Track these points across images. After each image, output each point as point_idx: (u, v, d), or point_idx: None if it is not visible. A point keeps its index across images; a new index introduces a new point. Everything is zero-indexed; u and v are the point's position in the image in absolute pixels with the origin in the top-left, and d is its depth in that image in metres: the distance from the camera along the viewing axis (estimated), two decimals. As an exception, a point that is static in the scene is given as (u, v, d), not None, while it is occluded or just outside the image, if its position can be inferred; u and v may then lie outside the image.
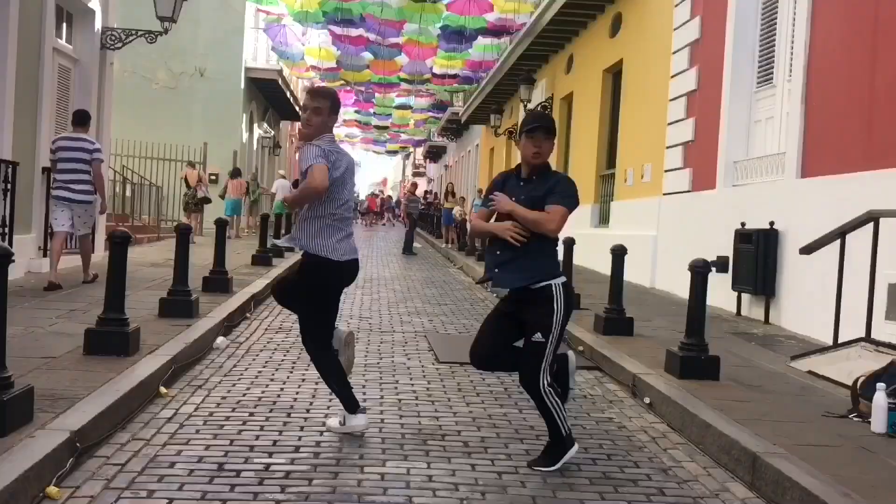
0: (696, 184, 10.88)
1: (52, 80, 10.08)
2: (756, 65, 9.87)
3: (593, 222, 15.83)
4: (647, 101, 12.89)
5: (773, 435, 4.20)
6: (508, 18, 17.50)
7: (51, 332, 5.95)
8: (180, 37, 23.69)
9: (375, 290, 11.15)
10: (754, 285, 8.64)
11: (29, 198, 9.49)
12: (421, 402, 5.11)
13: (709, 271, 5.66)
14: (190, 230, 7.35)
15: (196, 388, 5.22)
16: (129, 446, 3.94)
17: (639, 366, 5.89)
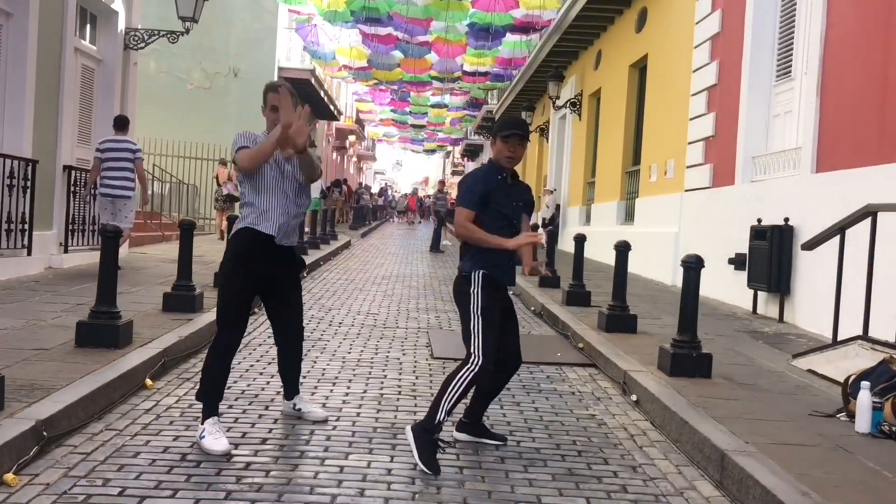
0: (717, 180, 10.69)
1: (73, 81, 10.30)
2: (775, 58, 9.66)
3: (619, 220, 15.66)
4: (670, 96, 12.71)
5: (749, 433, 4.10)
6: (535, 14, 17.40)
7: (51, 324, 6.07)
8: (214, 37, 24.15)
9: (391, 287, 11.17)
10: (768, 283, 8.46)
11: (50, 195, 9.71)
12: (403, 397, 5.10)
13: (701, 267, 5.55)
14: (193, 226, 7.43)
15: (184, 380, 5.28)
16: (100, 436, 4.00)
17: (632, 363, 5.81)
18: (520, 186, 4.27)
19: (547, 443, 4.30)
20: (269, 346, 6.50)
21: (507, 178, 4.13)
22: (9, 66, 8.90)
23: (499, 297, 4.13)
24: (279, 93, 4.10)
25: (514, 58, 22.05)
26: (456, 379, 4.00)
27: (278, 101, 4.08)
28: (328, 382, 5.41)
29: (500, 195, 4.08)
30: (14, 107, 8.94)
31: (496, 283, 4.09)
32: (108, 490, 3.30)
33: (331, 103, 30.64)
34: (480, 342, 4.02)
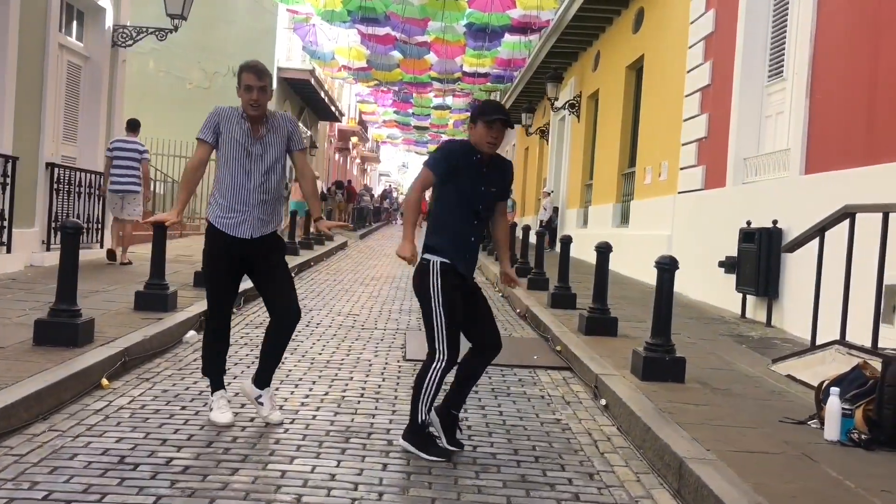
0: (709, 181, 10.53)
1: (57, 77, 10.21)
2: (767, 57, 9.50)
3: (614, 222, 15.50)
4: (665, 97, 12.56)
5: (713, 440, 3.95)
6: (532, 15, 17.24)
7: (15, 322, 5.97)
8: (214, 37, 24.09)
9: (378, 288, 11.04)
10: (756, 286, 8.30)
11: (32, 192, 9.62)
12: (365, 400, 4.97)
13: (675, 269, 5.41)
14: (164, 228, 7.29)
15: (143, 380, 5.16)
16: (41, 437, 3.88)
17: (605, 366, 5.66)
18: (495, 173, 4.10)
19: (505, 448, 4.16)
20: (239, 347, 6.39)
21: (483, 162, 4.01)
22: (-11, 62, 8.81)
23: (459, 285, 4.00)
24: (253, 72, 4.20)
25: (513, 59, 21.90)
26: (426, 380, 3.94)
27: (254, 80, 4.17)
28: (290, 384, 5.29)
29: (468, 175, 3.97)
30: (-6, 103, 8.85)
31: (455, 271, 3.96)
32: (33, 494, 3.18)
33: (332, 104, 30.58)
34: (444, 337, 3.92)
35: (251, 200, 4.26)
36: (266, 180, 4.30)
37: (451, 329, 3.93)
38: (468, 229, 4.03)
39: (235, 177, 4.25)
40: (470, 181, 3.99)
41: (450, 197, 3.98)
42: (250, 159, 4.25)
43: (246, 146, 4.24)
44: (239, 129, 4.25)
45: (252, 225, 4.27)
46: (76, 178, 10.60)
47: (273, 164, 4.32)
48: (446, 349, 3.92)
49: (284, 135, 4.37)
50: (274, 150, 4.32)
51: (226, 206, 4.26)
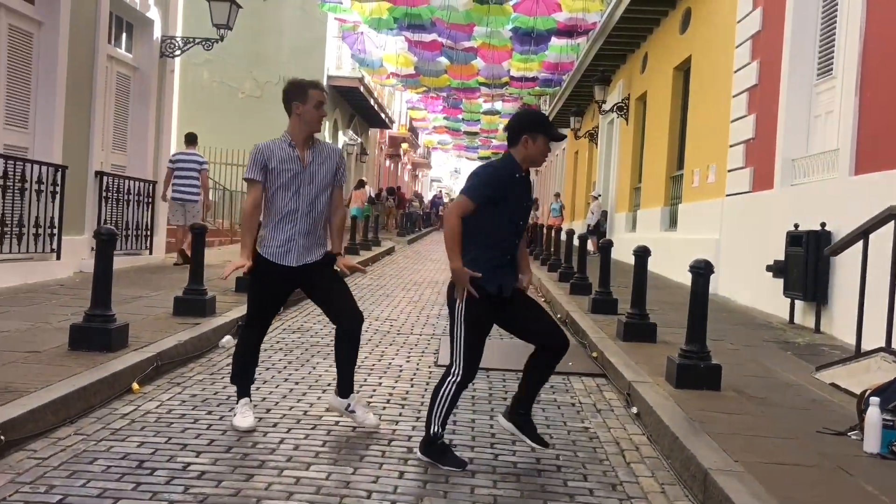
0: (757, 184, 10.25)
1: (105, 88, 10.45)
2: (816, 55, 9.21)
3: (663, 226, 15.22)
4: (712, 98, 12.29)
5: (742, 451, 3.80)
6: (578, 18, 17.09)
7: (55, 328, 6.08)
8: (265, 47, 24.49)
9: (420, 293, 11.02)
10: (804, 291, 8.03)
11: (81, 200, 9.86)
12: (391, 406, 4.93)
13: (710, 273, 5.24)
14: (205, 230, 7.41)
15: (174, 385, 5.21)
16: (65, 441, 3.93)
17: (639, 374, 5.52)
18: (529, 184, 4.06)
19: (527, 456, 4.07)
20: (274, 352, 6.41)
21: (524, 177, 3.92)
22: (40, 74, 9.07)
23: (491, 303, 3.88)
24: (321, 90, 4.35)
25: (561, 62, 21.75)
26: (440, 393, 3.87)
27: (323, 98, 4.32)
28: (318, 389, 5.28)
29: (513, 194, 3.86)
30: (44, 114, 9.11)
31: (486, 292, 3.84)
32: (48, 497, 3.21)
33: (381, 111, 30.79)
34: (462, 353, 3.86)
35: (297, 228, 4.29)
36: (312, 209, 4.32)
37: (471, 345, 3.85)
38: (507, 246, 3.92)
39: (282, 205, 4.28)
40: (515, 199, 3.87)
41: (489, 218, 3.82)
42: (296, 187, 4.28)
43: (296, 173, 4.27)
44: (287, 157, 4.27)
45: (298, 253, 4.30)
46: (125, 185, 10.83)
47: (319, 193, 4.34)
48: (462, 364, 3.85)
49: (332, 166, 4.39)
50: (320, 179, 4.34)
51: (273, 235, 4.30)
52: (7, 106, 8.63)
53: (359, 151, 31.12)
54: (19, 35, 8.75)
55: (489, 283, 3.85)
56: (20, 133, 8.89)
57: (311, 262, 4.34)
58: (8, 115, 8.66)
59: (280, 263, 4.28)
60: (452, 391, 3.86)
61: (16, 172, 8.29)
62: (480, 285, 3.82)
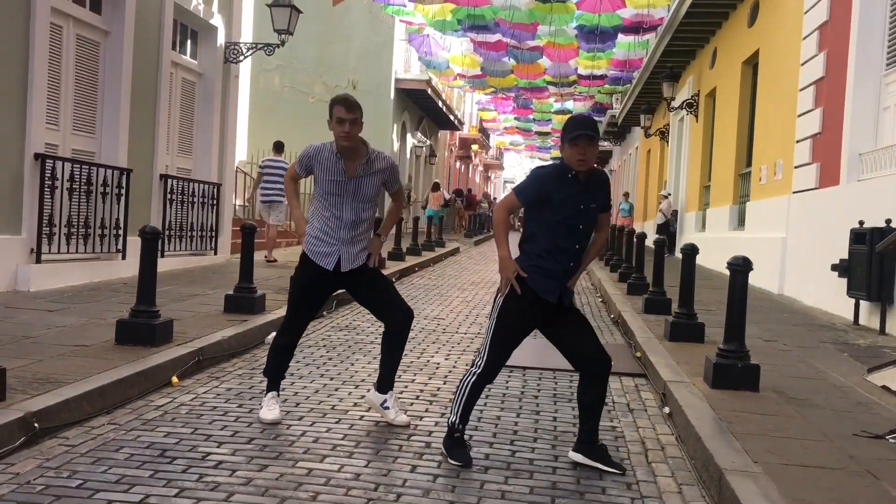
0: (823, 180, 9.87)
1: (170, 93, 10.81)
2: (885, 45, 8.82)
3: (731, 225, 14.81)
4: (780, 92, 11.90)
5: (765, 452, 3.68)
6: (644, 13, 16.78)
7: (108, 323, 6.32)
8: (334, 51, 24.91)
9: (474, 293, 11.02)
10: (868, 291, 7.69)
11: (146, 202, 10.22)
12: (418, 403, 4.95)
13: (749, 269, 5.08)
14: (254, 230, 7.60)
15: (213, 379, 5.36)
16: (98, 430, 4.09)
17: (678, 373, 5.40)
18: (594, 186, 3.86)
19: (546, 454, 4.03)
20: (317, 349, 6.51)
21: (580, 178, 3.80)
22: (106, 81, 9.45)
23: (535, 306, 3.82)
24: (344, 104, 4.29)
25: (629, 59, 21.38)
26: (461, 384, 3.89)
27: (346, 114, 4.26)
28: (352, 384, 5.35)
29: (566, 196, 3.76)
30: (110, 119, 9.49)
31: (532, 292, 3.78)
32: (68, 482, 3.35)
33: (450, 113, 30.88)
34: (488, 344, 3.87)
35: (341, 235, 4.38)
36: (357, 218, 4.40)
37: (499, 340, 3.84)
38: (562, 251, 3.81)
39: (328, 211, 4.37)
40: (569, 201, 3.76)
41: (543, 220, 3.79)
42: (343, 196, 4.35)
43: (340, 183, 4.34)
44: (334, 166, 4.34)
45: (339, 258, 4.38)
46: (189, 188, 11.18)
47: (365, 203, 4.41)
48: (486, 356, 3.85)
49: (381, 178, 4.46)
50: (368, 189, 4.40)
51: (317, 237, 4.41)
52: (75, 112, 9.02)
53: (427, 153, 31.30)
54: (87, 44, 9.14)
55: (537, 286, 3.78)
56: (87, 138, 9.28)
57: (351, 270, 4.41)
58: (76, 121, 9.06)
59: (321, 265, 4.38)
60: (472, 382, 3.86)
61: (82, 175, 8.66)
62: (529, 286, 3.78)
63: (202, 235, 11.62)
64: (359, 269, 4.43)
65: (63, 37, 8.70)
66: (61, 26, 8.65)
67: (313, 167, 4.40)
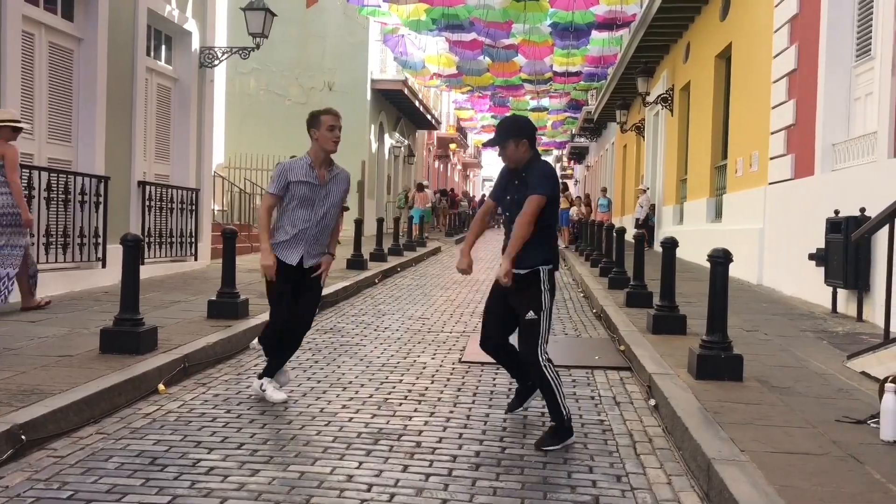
0: (798, 170, 10.01)
1: (145, 99, 10.74)
2: (854, 36, 8.95)
3: (709, 217, 14.97)
4: (753, 85, 12.04)
5: (751, 440, 3.74)
6: (617, 10, 16.89)
7: (91, 332, 6.28)
8: (310, 53, 24.83)
9: (457, 292, 11.05)
10: (845, 279, 7.81)
11: (125, 210, 10.15)
12: (407, 402, 4.97)
13: (729, 261, 5.14)
14: (235, 234, 7.57)
15: (199, 385, 5.34)
16: (86, 440, 4.07)
17: (662, 366, 5.46)
18: (523, 176, 4.39)
19: (535, 450, 4.06)
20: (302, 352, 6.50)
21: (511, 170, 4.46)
22: (81, 88, 9.37)
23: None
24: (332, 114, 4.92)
25: (604, 55, 21.52)
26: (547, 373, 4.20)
27: (335, 121, 4.90)
28: (339, 386, 5.35)
29: (508, 193, 4.47)
30: (86, 127, 9.41)
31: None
32: (59, 494, 3.34)
33: (427, 112, 30.88)
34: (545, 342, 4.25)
35: (306, 235, 4.92)
36: (321, 220, 4.96)
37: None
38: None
39: (298, 214, 4.88)
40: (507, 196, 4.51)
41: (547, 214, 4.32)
42: (313, 201, 4.90)
43: (312, 190, 4.88)
44: (308, 173, 4.88)
45: (301, 255, 4.93)
46: (168, 194, 11.12)
47: (330, 209, 4.98)
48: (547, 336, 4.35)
49: (344, 189, 5.07)
50: (333, 197, 4.98)
51: (283, 237, 4.90)
52: (50, 121, 8.94)
53: (406, 153, 31.28)
54: (60, 52, 9.06)
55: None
56: (64, 147, 9.20)
57: (308, 267, 4.98)
58: (51, 130, 8.98)
59: (284, 261, 4.90)
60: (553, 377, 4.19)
61: (59, 184, 8.59)
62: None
63: (182, 242, 11.56)
64: (311, 269, 4.99)
65: (35, 45, 8.62)
66: (33, 34, 8.57)
67: (289, 180, 4.86)
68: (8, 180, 6.99)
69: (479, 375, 5.70)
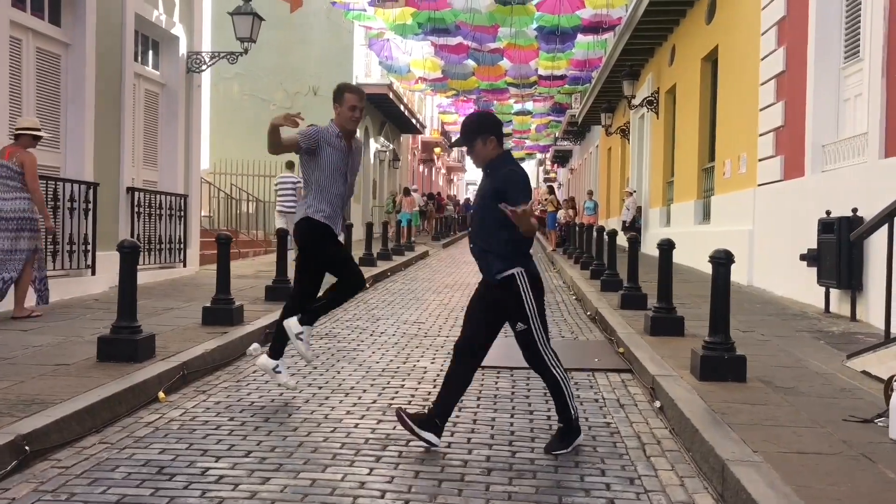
0: (788, 172, 10.08)
1: (133, 105, 10.65)
2: (843, 37, 9.03)
3: (696, 219, 15.03)
4: (740, 87, 12.12)
5: (762, 441, 3.74)
6: (603, 13, 16.97)
7: (86, 341, 6.20)
8: (294, 58, 24.74)
9: (450, 296, 11.03)
10: (838, 279, 7.87)
11: (114, 216, 10.06)
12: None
13: (731, 262, 5.17)
14: (230, 240, 7.51)
15: (200, 392, 5.28)
16: (90, 450, 4.01)
17: (664, 367, 5.46)
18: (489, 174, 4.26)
19: (546, 454, 4.04)
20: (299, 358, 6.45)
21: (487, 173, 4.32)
22: (70, 94, 9.28)
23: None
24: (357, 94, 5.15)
25: (589, 59, 21.61)
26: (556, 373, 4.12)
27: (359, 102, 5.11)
28: (342, 392, 5.31)
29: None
30: (75, 134, 9.32)
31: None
32: (68, 504, 3.28)
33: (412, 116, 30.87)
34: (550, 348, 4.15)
35: (341, 203, 5.21)
36: (348, 188, 5.27)
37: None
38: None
39: (332, 184, 5.09)
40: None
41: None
42: (342, 171, 5.14)
43: (342, 159, 5.11)
44: (337, 144, 5.08)
45: (340, 222, 5.28)
46: (157, 201, 11.02)
47: (354, 177, 5.29)
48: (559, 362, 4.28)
49: (360, 157, 5.36)
50: (355, 167, 5.28)
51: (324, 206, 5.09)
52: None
53: (391, 158, 31.24)
54: (47, 57, 8.96)
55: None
56: (52, 153, 9.10)
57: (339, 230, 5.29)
58: (40, 136, 8.86)
59: (331, 226, 5.15)
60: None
61: (48, 191, 8.48)
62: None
63: (171, 248, 11.47)
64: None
65: (22, 50, 8.52)
66: (20, 39, 8.47)
67: (320, 145, 5.02)
68: (29, 188, 7.23)
69: (481, 379, 5.68)
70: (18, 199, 7.16)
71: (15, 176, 7.15)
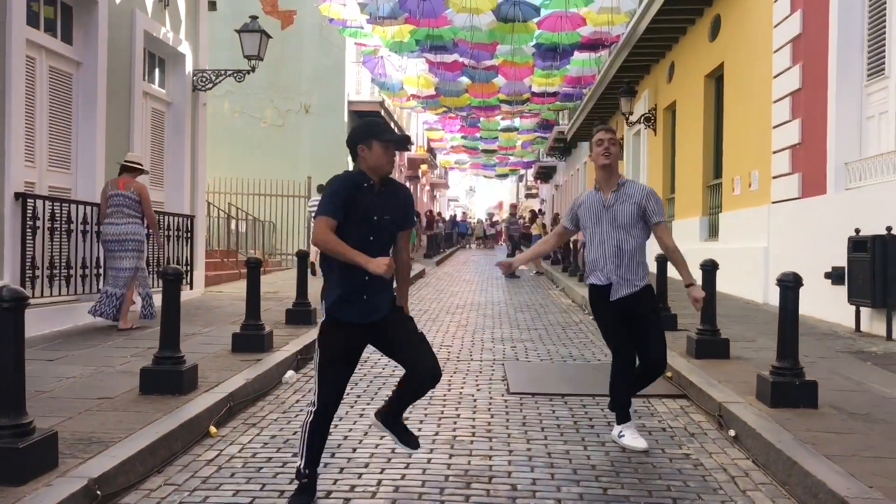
0: (806, 189, 10.03)
1: (142, 124, 10.41)
2: (865, 55, 9.02)
3: (702, 236, 14.98)
4: (750, 104, 12.10)
5: (870, 475, 3.60)
6: (603, 31, 16.98)
7: (119, 371, 5.96)
8: (285, 75, 24.54)
9: (465, 317, 10.85)
10: (873, 297, 7.79)
11: (124, 239, 9.76)
12: (477, 440, 4.75)
13: (800, 286, 5.04)
14: (259, 264, 7.28)
15: (250, 426, 5.06)
16: (157, 493, 3.79)
17: (727, 393, 5.32)
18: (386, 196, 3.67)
19: (637, 489, 3.88)
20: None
21: (375, 187, 3.62)
22: (80, 113, 9.03)
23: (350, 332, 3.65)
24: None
25: (583, 76, 21.61)
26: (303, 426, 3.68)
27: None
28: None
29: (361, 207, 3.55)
30: (86, 154, 9.07)
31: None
32: (158, 557, 3.06)
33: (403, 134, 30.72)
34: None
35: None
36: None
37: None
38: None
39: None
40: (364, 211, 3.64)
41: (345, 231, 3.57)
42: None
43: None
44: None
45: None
46: (164, 221, 10.73)
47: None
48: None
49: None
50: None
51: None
52: (51, 147, 8.59)
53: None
54: (60, 76, 8.72)
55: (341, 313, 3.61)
56: (63, 174, 8.84)
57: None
58: (52, 157, 8.62)
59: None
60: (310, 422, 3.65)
61: (62, 214, 8.21)
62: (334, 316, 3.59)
63: (178, 270, 11.16)
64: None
65: (36, 69, 8.28)
66: (34, 58, 8.23)
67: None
68: (146, 213, 8.32)
69: (536, 408, 5.51)
70: (131, 223, 8.17)
71: (132, 204, 8.15)
